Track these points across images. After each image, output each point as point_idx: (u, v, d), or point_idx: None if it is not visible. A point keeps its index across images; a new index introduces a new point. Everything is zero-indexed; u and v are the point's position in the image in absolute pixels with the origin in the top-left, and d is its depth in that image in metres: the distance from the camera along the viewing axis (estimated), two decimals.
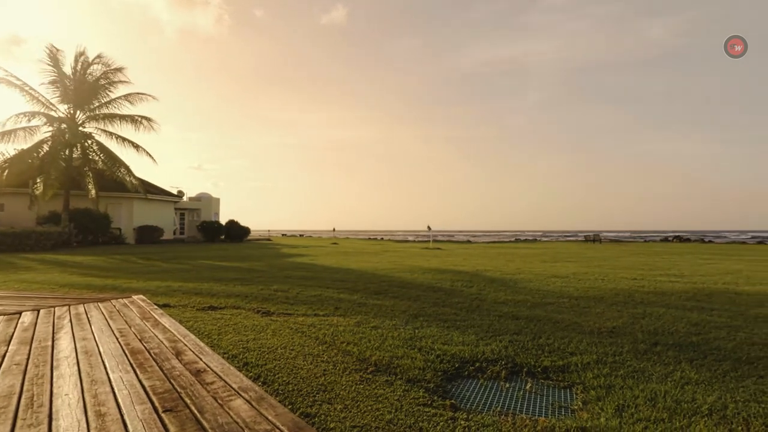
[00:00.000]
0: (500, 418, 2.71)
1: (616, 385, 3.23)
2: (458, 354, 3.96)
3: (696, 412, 2.76)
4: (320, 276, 10.16)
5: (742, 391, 3.11)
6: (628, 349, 4.14)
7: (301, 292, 7.59)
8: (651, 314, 5.74)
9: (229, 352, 3.94)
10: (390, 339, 4.44)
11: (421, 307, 6.26)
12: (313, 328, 4.92)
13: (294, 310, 5.98)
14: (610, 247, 29.32)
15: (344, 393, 3.02)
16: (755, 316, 5.68)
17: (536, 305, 6.44)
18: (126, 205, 27.35)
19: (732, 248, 28.63)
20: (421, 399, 2.94)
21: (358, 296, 7.15)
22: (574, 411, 2.86)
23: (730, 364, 3.72)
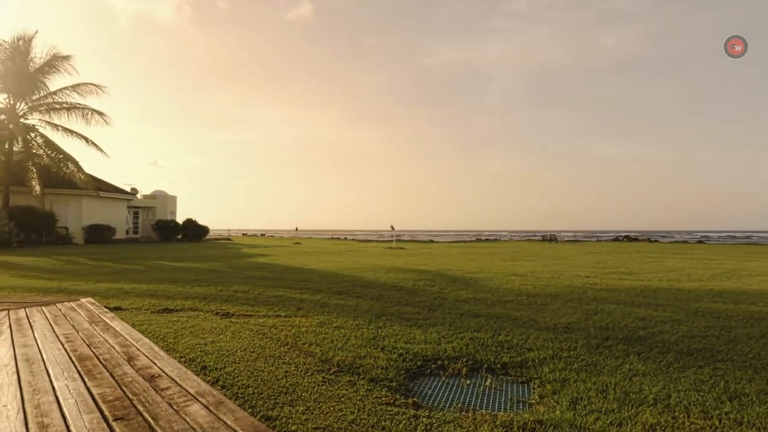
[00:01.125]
0: (461, 414, 2.76)
1: (571, 378, 3.36)
2: (421, 352, 4.00)
3: (643, 402, 2.92)
4: (282, 276, 10.00)
5: (684, 381, 3.31)
6: (581, 344, 4.32)
7: (262, 292, 7.44)
8: (603, 310, 6.02)
9: (186, 355, 3.80)
10: (353, 339, 4.43)
11: (384, 306, 6.28)
12: (274, 329, 4.83)
13: (255, 311, 5.86)
14: (565, 247, 30.51)
15: (306, 394, 2.98)
16: (695, 310, 6.07)
17: (496, 303, 6.60)
18: (74, 203, 25.87)
19: (675, 247, 30.48)
20: (384, 398, 2.95)
21: (320, 296, 7.09)
22: (531, 405, 2.95)
23: (673, 356, 3.95)
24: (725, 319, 5.47)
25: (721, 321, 5.38)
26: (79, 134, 22.74)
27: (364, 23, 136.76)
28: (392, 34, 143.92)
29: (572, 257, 17.49)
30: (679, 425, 2.57)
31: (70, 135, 22.61)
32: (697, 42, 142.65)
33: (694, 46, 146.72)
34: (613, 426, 2.56)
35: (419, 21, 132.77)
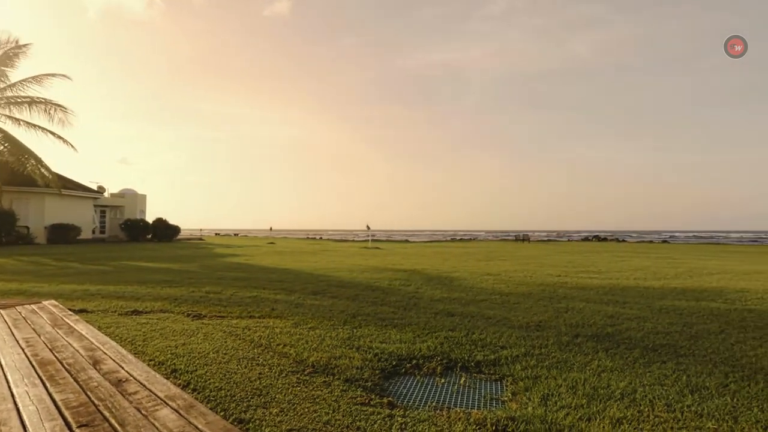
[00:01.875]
0: (435, 412, 2.78)
1: (542, 375, 3.44)
2: (396, 352, 4.01)
3: (610, 396, 3.01)
4: (256, 276, 9.85)
5: (649, 376, 3.44)
6: (552, 342, 4.42)
7: (235, 293, 7.31)
8: (573, 308, 6.18)
9: (155, 359, 3.70)
10: (328, 339, 4.40)
11: (360, 306, 6.27)
12: (247, 330, 4.75)
13: (227, 312, 5.75)
14: (537, 246, 31.18)
15: (280, 396, 2.94)
16: (660, 307, 6.30)
17: (470, 302, 6.69)
18: (36, 201, 24.81)
19: (642, 247, 31.58)
20: (359, 398, 2.95)
21: (295, 297, 7.02)
22: (504, 402, 3.00)
23: (639, 352, 4.09)
24: (687, 316, 5.70)
25: (684, 318, 5.60)
26: (43, 129, 21.79)
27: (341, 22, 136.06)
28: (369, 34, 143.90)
29: (544, 257, 17.89)
30: (644, 419, 2.66)
31: (33, 129, 21.63)
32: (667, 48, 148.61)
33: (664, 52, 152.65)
34: (582, 421, 2.63)
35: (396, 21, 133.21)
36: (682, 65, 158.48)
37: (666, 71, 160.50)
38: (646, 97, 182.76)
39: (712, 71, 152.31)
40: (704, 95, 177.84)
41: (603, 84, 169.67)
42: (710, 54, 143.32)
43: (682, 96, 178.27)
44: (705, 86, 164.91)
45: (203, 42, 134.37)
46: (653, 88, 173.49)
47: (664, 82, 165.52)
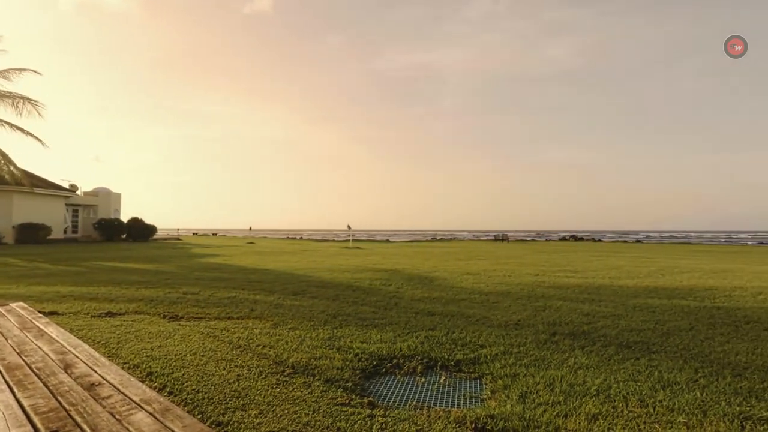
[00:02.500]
0: (416, 411, 2.79)
1: (521, 373, 3.49)
2: (376, 352, 4.01)
3: (586, 393, 3.07)
4: (235, 277, 9.71)
5: (623, 372, 3.53)
6: (531, 340, 4.49)
7: (213, 294, 7.19)
8: (550, 307, 6.29)
9: (130, 361, 3.61)
10: (308, 340, 4.37)
11: (340, 306, 6.24)
12: (226, 331, 4.68)
13: (205, 313, 5.65)
14: (516, 246, 31.63)
15: (259, 398, 2.91)
16: (633, 305, 6.47)
17: (450, 301, 6.74)
18: (4, 200, 23.91)
19: (616, 246, 32.38)
20: (339, 398, 2.94)
21: (275, 297, 6.95)
22: (483, 400, 3.04)
23: (613, 349, 4.19)
24: (659, 314, 5.86)
25: (656, 315, 5.77)
26: (11, 124, 20.98)
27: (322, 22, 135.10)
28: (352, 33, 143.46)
29: (522, 256, 18.17)
30: (618, 414, 2.73)
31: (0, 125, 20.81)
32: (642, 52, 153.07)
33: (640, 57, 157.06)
34: (559, 417, 2.67)
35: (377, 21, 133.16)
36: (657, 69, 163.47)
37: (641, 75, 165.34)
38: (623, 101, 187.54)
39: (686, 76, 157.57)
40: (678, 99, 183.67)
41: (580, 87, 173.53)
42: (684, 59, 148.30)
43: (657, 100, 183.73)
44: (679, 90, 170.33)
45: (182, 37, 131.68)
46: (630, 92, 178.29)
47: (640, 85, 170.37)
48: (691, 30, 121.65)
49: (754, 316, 5.65)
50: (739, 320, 5.44)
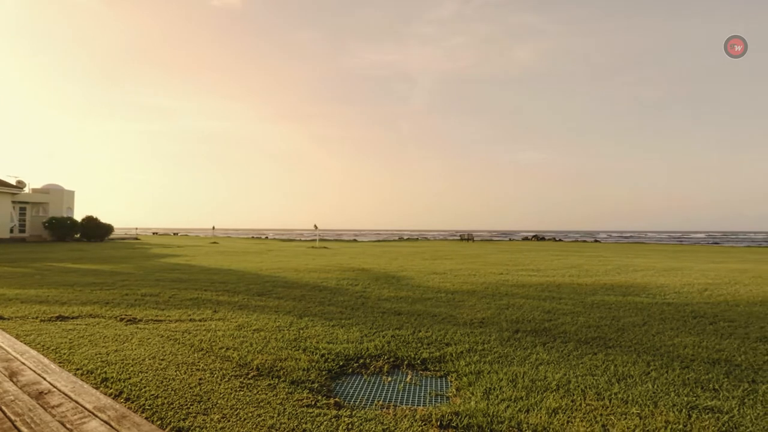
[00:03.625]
0: (382, 411, 2.80)
1: (485, 370, 3.56)
2: (343, 352, 3.99)
3: (547, 388, 3.17)
4: (197, 278, 9.43)
5: (581, 367, 3.66)
6: (495, 338, 4.59)
7: (174, 295, 6.96)
8: (514, 305, 6.45)
9: (83, 367, 3.44)
10: (273, 341, 4.30)
11: (307, 306, 6.18)
12: (187, 334, 4.54)
13: (165, 315, 5.46)
14: (481, 245, 32.26)
15: (222, 401, 2.84)
16: (591, 302, 6.73)
17: (417, 300, 6.79)
18: None
19: (576, 246, 33.59)
20: (305, 400, 2.90)
21: (239, 298, 6.80)
22: (449, 398, 3.08)
23: (573, 345, 4.34)
24: (615, 310, 6.13)
25: (612, 312, 6.02)
26: None
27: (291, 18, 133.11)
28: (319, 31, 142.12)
29: (487, 255, 18.55)
30: (577, 407, 2.83)
31: None
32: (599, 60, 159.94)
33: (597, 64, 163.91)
34: (521, 412, 2.75)
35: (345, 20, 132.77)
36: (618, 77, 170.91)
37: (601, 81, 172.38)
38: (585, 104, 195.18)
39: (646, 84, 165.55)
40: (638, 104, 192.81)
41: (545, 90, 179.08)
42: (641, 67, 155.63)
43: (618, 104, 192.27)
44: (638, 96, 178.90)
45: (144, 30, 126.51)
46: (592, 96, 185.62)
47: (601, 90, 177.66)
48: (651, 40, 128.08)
49: (701, 311, 5.99)
50: (687, 315, 5.75)
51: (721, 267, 12.80)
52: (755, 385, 3.25)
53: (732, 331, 4.92)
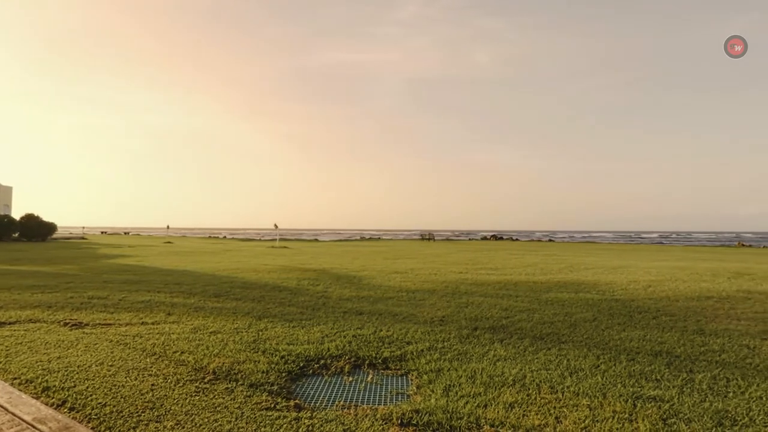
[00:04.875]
0: (343, 411, 2.79)
1: (445, 368, 3.62)
2: (303, 353, 3.94)
3: (504, 383, 3.26)
4: (149, 279, 9.04)
5: (536, 362, 3.79)
6: (454, 335, 4.68)
7: (124, 297, 6.63)
8: (473, 303, 6.60)
9: (21, 376, 3.21)
10: (231, 344, 4.19)
11: (266, 307, 6.06)
12: (139, 338, 4.34)
13: (115, 319, 5.20)
14: (442, 245, 32.78)
15: (176, 408, 2.73)
16: (546, 300, 6.99)
17: (378, 300, 6.81)
18: None
19: (532, 245, 34.78)
20: (264, 403, 2.85)
21: (195, 300, 6.57)
22: (409, 396, 3.11)
23: (528, 341, 4.50)
24: (568, 306, 6.39)
25: (565, 308, 6.28)
26: None
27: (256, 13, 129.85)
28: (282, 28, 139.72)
29: (447, 255, 18.86)
30: (532, 401, 2.93)
31: None
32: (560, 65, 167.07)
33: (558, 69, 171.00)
34: (479, 408, 2.81)
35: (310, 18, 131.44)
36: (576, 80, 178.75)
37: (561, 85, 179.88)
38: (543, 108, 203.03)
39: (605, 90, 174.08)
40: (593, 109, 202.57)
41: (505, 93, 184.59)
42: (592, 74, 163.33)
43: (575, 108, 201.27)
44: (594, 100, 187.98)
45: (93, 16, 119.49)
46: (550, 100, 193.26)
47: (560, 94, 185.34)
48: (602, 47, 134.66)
49: (645, 307, 6.35)
50: (633, 311, 6.08)
51: (663, 265, 13.63)
52: (692, 375, 3.49)
53: (672, 324, 5.25)
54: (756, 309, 6.16)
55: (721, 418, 2.68)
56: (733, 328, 5.08)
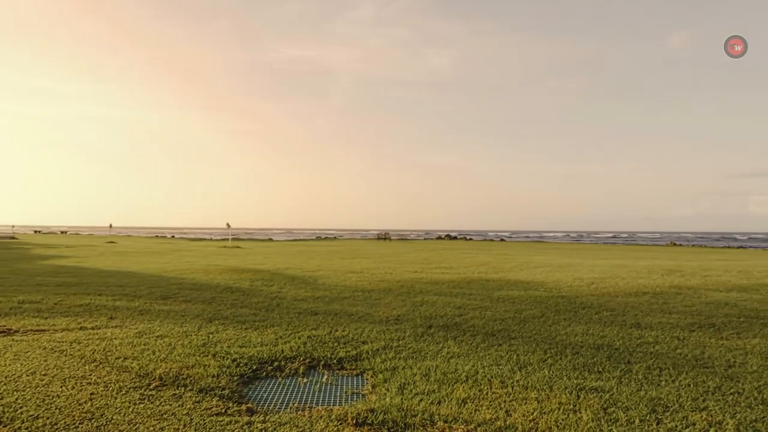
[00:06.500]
0: (297, 413, 2.74)
1: (400, 366, 3.65)
2: (256, 355, 3.85)
3: (457, 380, 3.34)
4: (89, 281, 8.50)
5: (488, 358, 3.91)
6: (409, 334, 4.73)
7: (60, 301, 6.20)
8: (427, 302, 6.70)
9: None
10: (179, 347, 4.02)
11: (217, 309, 5.86)
12: (77, 344, 4.07)
13: (49, 324, 4.84)
14: (398, 245, 33.06)
15: (119, 417, 2.58)
16: (498, 297, 7.22)
17: (334, 300, 6.77)
18: None
19: (484, 244, 35.82)
20: (215, 408, 2.75)
21: (140, 302, 6.25)
22: (364, 395, 3.11)
23: (481, 338, 4.62)
24: (518, 304, 6.63)
25: (516, 305, 6.51)
26: None
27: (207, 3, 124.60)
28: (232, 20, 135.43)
29: (403, 254, 19.05)
30: (484, 396, 3.02)
31: None
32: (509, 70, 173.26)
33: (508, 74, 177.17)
34: (433, 404, 2.86)
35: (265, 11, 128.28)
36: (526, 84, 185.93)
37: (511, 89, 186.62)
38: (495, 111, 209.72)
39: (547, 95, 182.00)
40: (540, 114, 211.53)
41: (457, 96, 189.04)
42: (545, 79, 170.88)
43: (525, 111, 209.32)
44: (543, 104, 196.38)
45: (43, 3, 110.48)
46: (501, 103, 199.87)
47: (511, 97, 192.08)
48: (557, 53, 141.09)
49: (588, 303, 6.71)
50: (577, 307, 6.41)
51: (606, 263, 14.45)
52: (630, 366, 3.72)
53: (613, 319, 5.57)
54: (685, 303, 6.66)
55: (654, 405, 2.88)
56: (666, 321, 5.46)
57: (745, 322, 5.37)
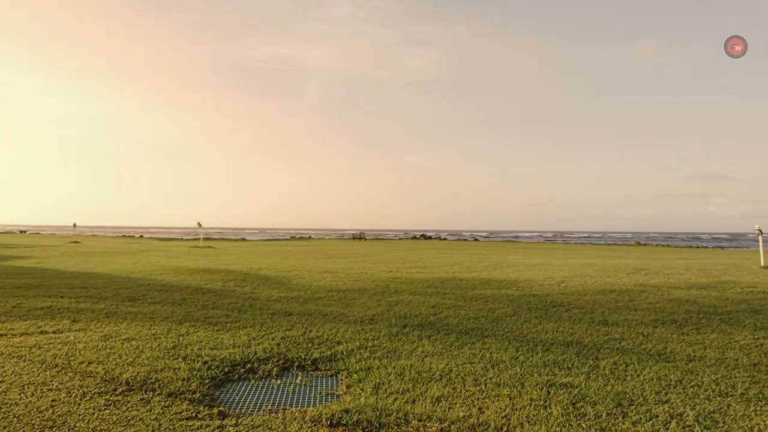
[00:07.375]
0: (270, 416, 2.71)
1: (374, 366, 3.65)
2: (228, 357, 3.78)
3: (431, 378, 3.36)
4: (51, 283, 8.15)
5: (461, 357, 3.96)
6: (384, 333, 4.74)
7: (19, 304, 5.93)
8: (402, 301, 6.73)
9: None
10: (148, 351, 3.90)
11: (188, 311, 5.72)
12: (37, 349, 3.90)
13: (7, 328, 4.62)
14: (373, 244, 33.05)
15: (82, 425, 2.49)
16: (471, 296, 7.31)
17: (308, 300, 6.71)
18: None
19: (458, 244, 36.24)
20: (185, 412, 2.68)
21: (105, 304, 6.04)
22: (339, 396, 3.10)
23: (454, 337, 4.67)
24: (491, 303, 6.74)
25: (489, 304, 6.61)
26: None
27: None
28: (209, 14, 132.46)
29: (378, 254, 19.07)
30: (457, 394, 3.05)
31: None
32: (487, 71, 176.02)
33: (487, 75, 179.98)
34: (408, 403, 2.87)
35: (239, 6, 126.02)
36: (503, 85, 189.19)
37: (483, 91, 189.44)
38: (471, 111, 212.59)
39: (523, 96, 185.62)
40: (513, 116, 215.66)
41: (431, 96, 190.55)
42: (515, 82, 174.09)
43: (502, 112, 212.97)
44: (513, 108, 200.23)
45: None
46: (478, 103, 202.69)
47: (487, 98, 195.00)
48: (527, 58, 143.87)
49: (558, 301, 6.88)
50: (548, 305, 6.56)
51: (575, 262, 14.85)
52: (598, 361, 3.83)
53: (581, 316, 5.73)
54: (650, 300, 6.92)
55: (620, 399, 2.98)
56: (631, 318, 5.66)
57: (704, 318, 5.62)
